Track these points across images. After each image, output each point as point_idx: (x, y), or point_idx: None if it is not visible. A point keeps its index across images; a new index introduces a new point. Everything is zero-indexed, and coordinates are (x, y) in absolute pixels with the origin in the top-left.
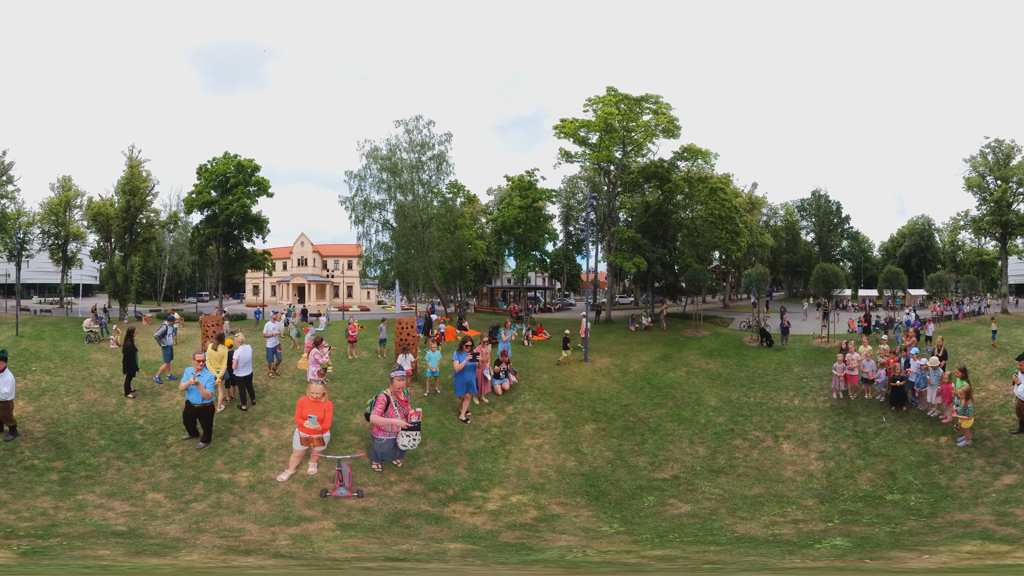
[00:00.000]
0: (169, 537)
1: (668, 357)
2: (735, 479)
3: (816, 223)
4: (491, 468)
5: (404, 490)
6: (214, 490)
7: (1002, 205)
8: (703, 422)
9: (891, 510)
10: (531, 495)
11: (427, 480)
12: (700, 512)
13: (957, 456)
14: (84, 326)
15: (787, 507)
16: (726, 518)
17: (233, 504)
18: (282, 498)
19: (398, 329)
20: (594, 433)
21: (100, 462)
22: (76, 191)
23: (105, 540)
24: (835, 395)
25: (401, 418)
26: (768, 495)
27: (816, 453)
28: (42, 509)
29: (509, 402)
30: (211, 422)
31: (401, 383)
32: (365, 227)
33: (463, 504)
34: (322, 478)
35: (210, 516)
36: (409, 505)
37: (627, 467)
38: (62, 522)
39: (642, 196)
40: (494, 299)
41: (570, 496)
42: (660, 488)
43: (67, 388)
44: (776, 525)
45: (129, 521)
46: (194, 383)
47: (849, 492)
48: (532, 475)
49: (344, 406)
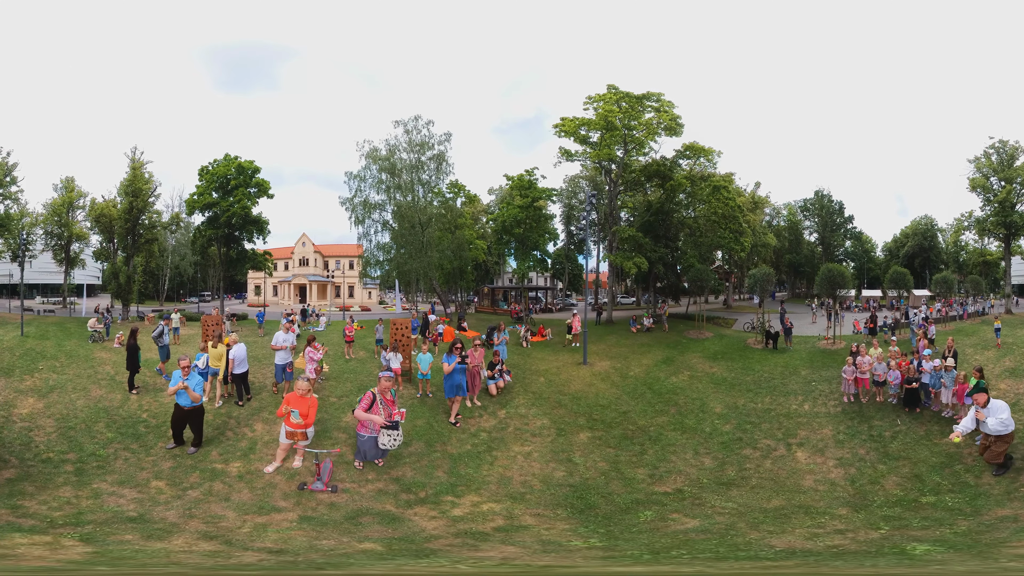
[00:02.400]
0: (168, 522)
1: (670, 360)
2: (749, 492)
3: (819, 223)
4: (472, 474)
5: (378, 489)
6: (207, 479)
7: (1006, 206)
8: (708, 431)
9: (933, 512)
10: (506, 504)
11: (403, 481)
12: (712, 527)
13: (977, 455)
14: (89, 326)
15: (819, 518)
16: (749, 533)
17: (222, 492)
18: (264, 489)
19: (392, 329)
20: (589, 442)
21: (109, 453)
22: (79, 192)
23: (123, 525)
24: (846, 398)
25: (385, 417)
26: (791, 507)
27: (834, 460)
28: (66, 498)
29: (502, 406)
30: (201, 424)
31: (388, 383)
32: (365, 227)
33: (429, 508)
34: (304, 471)
35: (201, 503)
36: (375, 504)
37: (623, 479)
38: (85, 510)
39: (644, 195)
40: (495, 299)
41: (550, 508)
42: (660, 502)
43: (74, 385)
44: (819, 537)
45: (138, 507)
46: (183, 387)
47: (880, 498)
48: (514, 483)
49: (336, 405)
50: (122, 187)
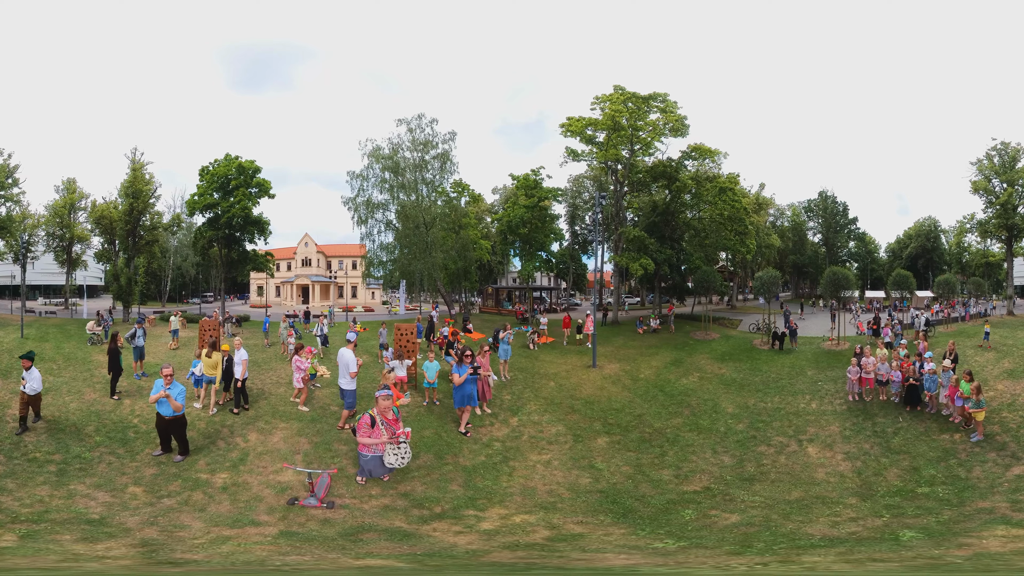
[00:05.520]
0: (122, 527)
1: (679, 362)
2: (770, 485)
3: (823, 224)
4: (491, 486)
5: (383, 505)
6: (188, 488)
7: (1008, 208)
8: (723, 430)
9: (926, 502)
10: (539, 515)
11: (413, 496)
12: (754, 520)
13: (971, 450)
14: (87, 328)
15: (835, 507)
16: (785, 523)
17: (199, 503)
18: (248, 502)
19: (397, 335)
20: (608, 447)
21: (94, 456)
22: (80, 193)
23: (76, 527)
24: (851, 397)
25: (388, 437)
26: (810, 497)
27: (842, 454)
28: (40, 497)
29: (513, 414)
30: (184, 434)
31: (386, 402)
32: (368, 227)
33: (449, 523)
34: (297, 485)
35: (171, 512)
36: (380, 521)
37: (650, 482)
38: (52, 509)
39: (649, 196)
40: (499, 299)
41: (590, 514)
42: (694, 501)
43: (68, 388)
44: (839, 525)
45: (104, 511)
46: (164, 395)
47: (883, 488)
48: (540, 493)
49: (337, 414)
50: (123, 188)
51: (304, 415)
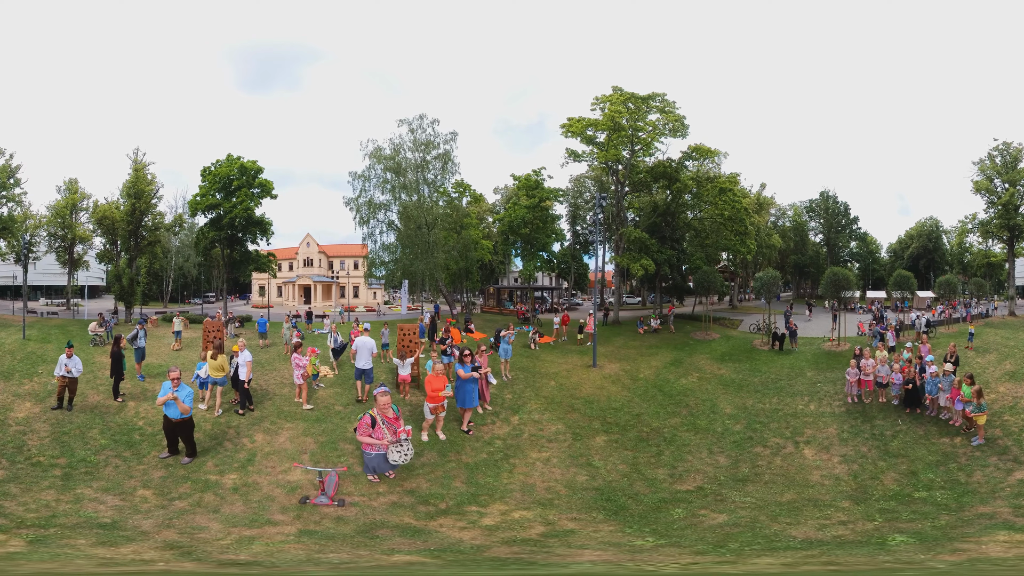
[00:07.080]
0: (138, 531)
1: (679, 362)
2: (763, 487)
3: (824, 224)
4: (492, 482)
5: (391, 502)
6: (199, 490)
7: (1009, 208)
8: (720, 431)
9: (922, 507)
10: (537, 511)
11: (418, 493)
12: (740, 521)
13: (972, 454)
14: (89, 329)
15: (826, 510)
16: (771, 525)
17: (212, 504)
18: (261, 502)
19: (400, 335)
20: (606, 445)
21: (100, 460)
22: (82, 194)
23: (88, 531)
24: (849, 399)
25: (390, 435)
26: (802, 500)
27: (839, 457)
28: (45, 501)
29: (514, 412)
30: (191, 436)
31: (385, 399)
32: (370, 228)
33: (454, 519)
34: (306, 484)
35: (185, 514)
36: (390, 517)
37: (645, 480)
38: (60, 513)
39: (650, 196)
40: (501, 299)
41: (583, 512)
42: (686, 500)
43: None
44: (826, 528)
45: (115, 514)
46: (172, 398)
47: (879, 492)
48: (539, 490)
49: (342, 413)
50: (125, 189)
51: (309, 415)
